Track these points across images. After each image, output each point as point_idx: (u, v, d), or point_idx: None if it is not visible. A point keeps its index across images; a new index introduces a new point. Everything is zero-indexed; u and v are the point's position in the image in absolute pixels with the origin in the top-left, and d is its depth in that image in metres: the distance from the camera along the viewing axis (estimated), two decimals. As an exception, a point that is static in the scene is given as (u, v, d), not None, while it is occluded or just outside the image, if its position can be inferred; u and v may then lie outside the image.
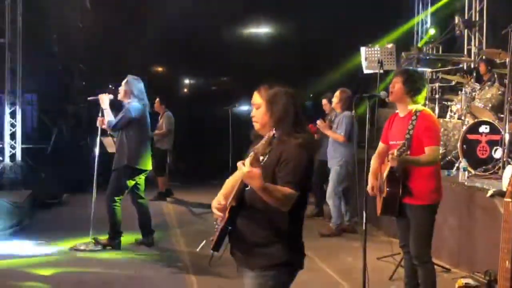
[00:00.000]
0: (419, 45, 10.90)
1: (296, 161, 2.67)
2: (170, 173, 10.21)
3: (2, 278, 5.32)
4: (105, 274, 5.48)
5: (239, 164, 2.51)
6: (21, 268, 5.63)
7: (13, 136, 10.08)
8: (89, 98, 6.72)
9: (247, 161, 2.49)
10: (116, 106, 6.50)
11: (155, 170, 9.79)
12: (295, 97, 2.85)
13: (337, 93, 7.35)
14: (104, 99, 6.34)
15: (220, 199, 2.84)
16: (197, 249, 5.77)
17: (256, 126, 2.87)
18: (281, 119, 2.74)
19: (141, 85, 6.41)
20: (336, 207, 7.11)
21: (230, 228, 2.74)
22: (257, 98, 2.88)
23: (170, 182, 10.17)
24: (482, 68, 7.61)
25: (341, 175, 7.07)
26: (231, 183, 2.93)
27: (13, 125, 10.13)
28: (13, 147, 10.03)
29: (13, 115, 10.14)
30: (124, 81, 6.39)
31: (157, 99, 9.79)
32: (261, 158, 2.57)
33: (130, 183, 6.33)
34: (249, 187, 2.63)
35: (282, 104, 2.77)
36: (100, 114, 6.41)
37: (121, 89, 6.37)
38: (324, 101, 7.97)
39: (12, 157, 9.99)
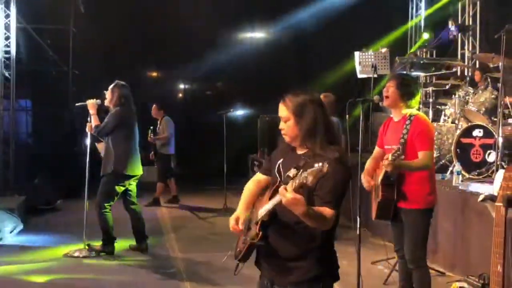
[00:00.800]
0: (412, 49, 10.95)
1: (335, 179, 2.52)
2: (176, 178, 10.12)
3: (-5, 285, 5.29)
4: (98, 281, 5.46)
5: (281, 189, 2.37)
6: (15, 275, 5.59)
7: (6, 141, 10.05)
8: (77, 104, 6.71)
9: (290, 186, 2.33)
10: (104, 110, 6.48)
11: (157, 176, 9.77)
12: (323, 105, 2.70)
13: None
14: (92, 105, 6.33)
15: (241, 217, 2.72)
16: (223, 260, 5.71)
17: (287, 139, 2.72)
18: (311, 132, 2.61)
19: (127, 91, 6.38)
20: None
21: (261, 243, 2.63)
22: (283, 110, 2.68)
23: (175, 187, 10.07)
24: (477, 76, 7.62)
25: None
26: (247, 196, 2.86)
27: (6, 131, 10.10)
28: (6, 153, 9.99)
29: (6, 120, 10.10)
30: (111, 86, 6.36)
31: (154, 105, 9.77)
32: (294, 172, 2.41)
33: (120, 189, 6.30)
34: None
35: (310, 115, 2.61)
36: (89, 120, 6.40)
37: (108, 94, 6.35)
38: None
39: (6, 163, 9.95)
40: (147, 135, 9.43)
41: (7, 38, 9.99)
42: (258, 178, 2.95)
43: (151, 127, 9.60)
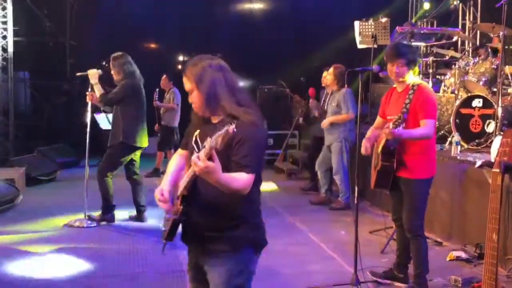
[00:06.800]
0: (413, 20, 10.82)
1: (252, 142, 2.46)
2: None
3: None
4: (99, 250, 5.50)
5: (192, 158, 2.29)
6: (15, 245, 5.64)
7: (5, 113, 10.03)
8: (77, 74, 6.68)
9: (202, 155, 2.26)
10: (105, 81, 6.44)
11: (158, 145, 9.79)
12: (225, 68, 2.59)
13: (331, 70, 7.29)
14: (93, 75, 6.30)
15: (164, 188, 2.63)
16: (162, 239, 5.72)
17: (197, 112, 2.64)
18: (213, 97, 2.52)
19: (128, 60, 6.31)
20: (344, 181, 7.14)
21: (184, 218, 2.55)
22: (186, 83, 2.60)
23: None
24: (483, 52, 7.53)
25: (343, 150, 7.11)
26: (172, 169, 2.79)
27: (5, 103, 10.07)
28: (6, 124, 9.99)
29: (5, 92, 10.07)
30: (111, 61, 6.29)
31: (164, 76, 9.75)
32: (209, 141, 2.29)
33: (125, 159, 6.33)
34: None
35: (208, 78, 2.53)
36: (89, 90, 6.37)
37: (112, 72, 6.28)
38: (325, 74, 7.81)
39: (5, 134, 9.96)
40: (152, 98, 9.41)
41: (3, 8, 9.90)
42: (180, 153, 2.89)
43: (157, 89, 9.58)
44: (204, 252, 2.66)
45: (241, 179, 2.43)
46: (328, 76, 7.35)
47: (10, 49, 9.98)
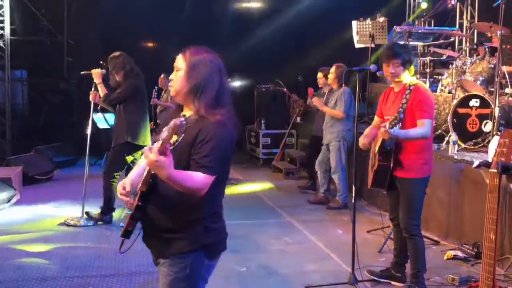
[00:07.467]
0: (411, 19, 10.84)
1: (214, 142, 2.38)
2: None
3: (-7, 254, 5.32)
4: (96, 249, 5.49)
5: (145, 150, 2.24)
6: (12, 245, 5.63)
7: (2, 112, 10.01)
8: (82, 72, 6.67)
9: (155, 148, 2.21)
10: (106, 80, 6.44)
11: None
12: (222, 69, 2.56)
13: (333, 69, 7.33)
14: (97, 74, 6.29)
15: (126, 184, 2.56)
16: (107, 234, 5.79)
17: (171, 91, 2.58)
18: (198, 90, 2.46)
19: (128, 60, 6.28)
20: (342, 181, 7.16)
21: (140, 215, 2.49)
22: (180, 61, 2.54)
23: None
24: (481, 51, 7.55)
25: (341, 150, 7.13)
26: (142, 163, 2.73)
27: (2, 102, 10.06)
28: (2, 123, 9.97)
29: (2, 91, 10.06)
30: (110, 61, 6.26)
31: (162, 75, 9.75)
32: (175, 138, 2.29)
33: (129, 159, 6.33)
34: None
35: (204, 72, 2.48)
36: (93, 89, 6.37)
37: (116, 76, 6.24)
38: (320, 75, 7.89)
39: (2, 133, 9.94)
40: (151, 95, 9.37)
41: (0, 7, 9.87)
42: None
43: (156, 87, 9.57)
44: (158, 251, 2.61)
45: (196, 178, 2.35)
46: (329, 75, 7.39)
47: (7, 47, 9.96)
